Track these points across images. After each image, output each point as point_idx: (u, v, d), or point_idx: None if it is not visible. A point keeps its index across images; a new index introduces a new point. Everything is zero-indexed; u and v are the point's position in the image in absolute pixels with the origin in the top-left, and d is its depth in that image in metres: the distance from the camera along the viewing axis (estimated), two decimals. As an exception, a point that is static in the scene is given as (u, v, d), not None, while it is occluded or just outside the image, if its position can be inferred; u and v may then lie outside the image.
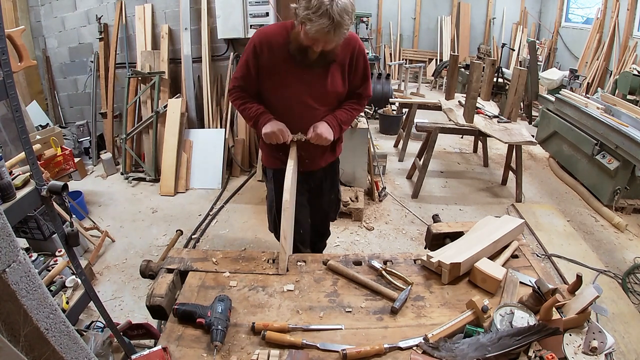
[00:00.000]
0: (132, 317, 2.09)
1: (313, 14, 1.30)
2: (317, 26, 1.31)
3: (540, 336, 0.98)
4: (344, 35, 1.39)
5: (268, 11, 3.34)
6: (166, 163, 3.58)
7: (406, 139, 4.24)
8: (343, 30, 1.34)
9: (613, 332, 1.98)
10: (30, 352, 0.73)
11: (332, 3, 1.28)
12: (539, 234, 2.86)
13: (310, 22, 1.32)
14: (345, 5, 1.30)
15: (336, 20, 1.29)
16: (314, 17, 1.30)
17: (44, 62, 4.38)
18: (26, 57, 1.27)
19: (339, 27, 1.32)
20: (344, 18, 1.30)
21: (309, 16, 1.31)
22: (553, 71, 5.51)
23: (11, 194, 1.22)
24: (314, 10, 1.29)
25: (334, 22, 1.30)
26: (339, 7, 1.29)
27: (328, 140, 1.62)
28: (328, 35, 1.34)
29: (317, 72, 1.56)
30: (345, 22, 1.32)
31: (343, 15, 1.30)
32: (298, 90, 1.59)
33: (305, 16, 1.32)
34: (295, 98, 1.62)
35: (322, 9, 1.28)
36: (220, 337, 1.02)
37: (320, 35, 1.35)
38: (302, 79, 1.57)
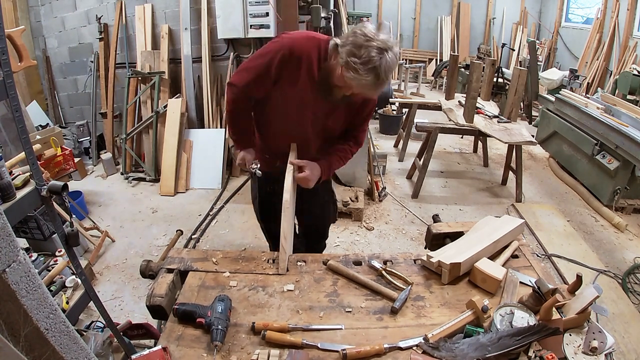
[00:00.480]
0: (132, 317, 2.09)
1: (360, 65, 1.19)
2: (361, 80, 1.22)
3: (540, 336, 0.98)
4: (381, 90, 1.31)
5: (268, 11, 3.34)
6: (166, 163, 3.58)
7: (406, 139, 4.24)
8: (384, 86, 1.27)
9: (613, 332, 1.98)
10: (30, 352, 0.73)
11: (382, 60, 1.19)
12: (539, 234, 2.86)
13: (355, 72, 1.21)
14: (393, 64, 1.22)
15: (381, 79, 1.22)
16: (360, 69, 1.20)
17: (44, 62, 4.38)
18: (26, 57, 1.27)
19: (381, 85, 1.25)
20: (388, 77, 1.24)
21: (356, 66, 1.20)
22: (553, 71, 5.51)
23: (11, 194, 1.22)
24: (362, 62, 1.19)
25: (379, 80, 1.22)
26: (387, 66, 1.20)
27: (309, 185, 1.56)
28: (369, 90, 1.28)
29: (327, 105, 1.49)
30: (388, 79, 1.25)
31: (388, 74, 1.23)
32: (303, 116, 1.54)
33: (351, 63, 1.21)
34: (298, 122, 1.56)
35: (371, 64, 1.19)
36: (221, 337, 1.02)
37: (362, 90, 1.28)
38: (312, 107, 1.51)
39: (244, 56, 3.80)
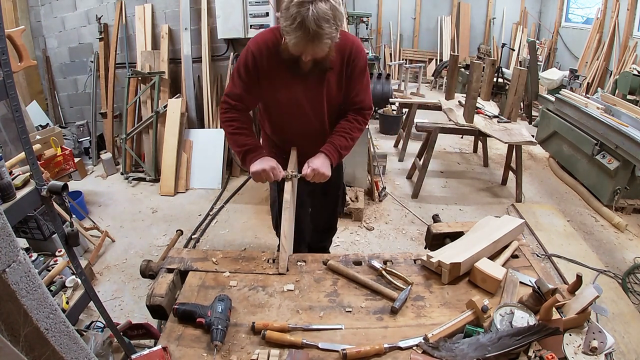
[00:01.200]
0: (132, 317, 2.09)
1: (289, 26, 1.20)
2: (294, 39, 1.22)
3: (540, 336, 0.98)
4: (330, 44, 1.27)
5: (268, 11, 3.34)
6: (166, 163, 3.59)
7: (406, 139, 4.24)
8: (324, 40, 1.22)
9: (613, 332, 1.98)
10: (30, 352, 0.73)
11: (308, 12, 1.16)
12: (539, 234, 2.86)
13: (288, 34, 1.23)
14: (325, 13, 1.18)
15: (313, 31, 1.18)
16: (290, 29, 1.21)
17: (44, 62, 4.38)
18: (26, 57, 1.27)
19: (318, 37, 1.21)
20: (322, 27, 1.18)
21: (287, 29, 1.22)
22: (553, 71, 5.51)
23: (11, 194, 1.22)
24: (290, 21, 1.19)
25: (310, 33, 1.19)
26: (316, 16, 1.17)
27: (326, 176, 1.51)
28: (308, 47, 1.24)
29: (313, 80, 1.47)
30: (324, 31, 1.20)
31: (321, 24, 1.18)
32: (295, 100, 1.53)
33: (284, 28, 1.24)
34: (295, 109, 1.55)
35: (298, 19, 1.18)
36: (221, 337, 1.02)
37: (300, 48, 1.26)
38: (299, 89, 1.50)
39: (244, 56, 3.79)
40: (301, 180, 1.60)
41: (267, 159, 1.50)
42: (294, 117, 1.60)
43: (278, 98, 1.55)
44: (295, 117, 1.60)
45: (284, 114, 1.61)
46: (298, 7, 1.18)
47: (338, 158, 1.56)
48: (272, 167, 1.47)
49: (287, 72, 1.45)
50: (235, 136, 1.53)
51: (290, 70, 1.43)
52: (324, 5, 1.18)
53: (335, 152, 1.54)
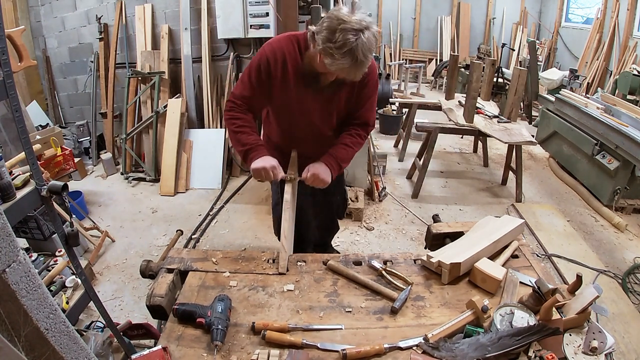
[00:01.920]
0: (132, 317, 2.09)
1: (336, 50, 1.19)
2: (338, 64, 1.22)
3: (540, 336, 0.98)
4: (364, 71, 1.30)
5: (268, 11, 3.34)
6: (166, 163, 3.59)
7: (406, 139, 4.24)
8: (364, 68, 1.26)
9: (613, 332, 1.98)
10: (30, 352, 0.73)
11: (358, 41, 1.18)
12: (539, 234, 2.86)
13: (332, 57, 1.21)
14: (370, 44, 1.21)
15: (359, 60, 1.21)
16: (336, 53, 1.20)
17: (44, 62, 4.38)
18: (26, 57, 1.27)
19: (361, 66, 1.24)
20: (367, 57, 1.22)
21: (331, 51, 1.20)
22: (553, 71, 5.51)
23: (11, 194, 1.22)
24: (338, 46, 1.18)
25: (357, 62, 1.21)
26: (364, 46, 1.19)
27: (325, 182, 1.52)
28: (350, 72, 1.27)
29: (326, 94, 1.50)
30: (367, 61, 1.23)
31: (367, 55, 1.21)
32: (305, 109, 1.54)
33: (327, 49, 1.21)
34: (303, 117, 1.57)
35: (347, 47, 1.18)
36: (221, 337, 1.02)
37: (340, 72, 1.28)
38: (310, 99, 1.51)
39: (244, 56, 3.80)
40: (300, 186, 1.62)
41: (269, 157, 1.50)
42: (302, 126, 1.62)
43: (288, 105, 1.55)
44: (302, 126, 1.61)
45: (291, 120, 1.62)
46: (348, 34, 1.18)
47: (337, 170, 1.58)
48: (272, 165, 1.47)
49: (301, 84, 1.46)
50: (238, 135, 1.53)
51: (306, 80, 1.44)
52: (370, 36, 1.21)
53: (335, 164, 1.56)
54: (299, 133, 1.66)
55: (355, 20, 1.19)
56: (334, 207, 2.11)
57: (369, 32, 1.21)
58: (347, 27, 1.18)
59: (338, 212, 2.17)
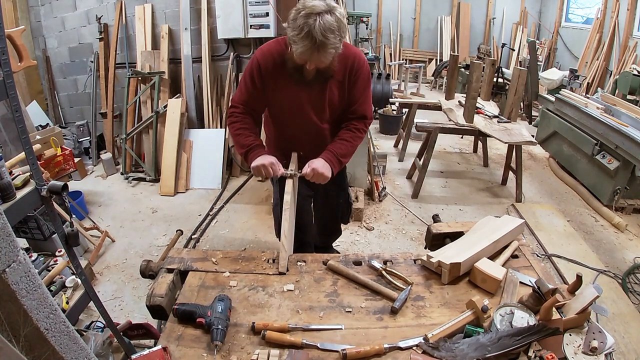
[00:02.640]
0: (132, 317, 2.09)
1: (297, 36, 1.28)
2: (301, 48, 1.28)
3: (540, 336, 0.98)
4: (334, 54, 1.34)
5: (268, 11, 3.34)
6: (166, 163, 3.59)
7: (406, 139, 4.24)
8: (329, 49, 1.30)
9: (613, 332, 1.98)
10: (30, 352, 0.73)
11: (315, 23, 1.24)
12: (539, 234, 2.86)
13: (295, 44, 1.30)
14: (330, 24, 1.26)
15: (319, 41, 1.26)
16: (297, 39, 1.28)
17: (44, 62, 4.38)
18: (26, 57, 1.27)
19: (323, 47, 1.28)
20: (328, 38, 1.26)
21: (294, 38, 1.29)
22: (553, 71, 5.51)
23: (11, 194, 1.22)
24: (298, 32, 1.27)
25: (316, 43, 1.26)
26: (322, 27, 1.25)
27: (326, 177, 1.55)
28: (313, 55, 1.31)
29: (316, 88, 1.54)
30: (329, 41, 1.27)
31: (327, 35, 1.26)
32: (299, 106, 1.59)
33: (291, 37, 1.31)
34: (298, 115, 1.61)
35: (305, 30, 1.25)
36: (221, 337, 1.02)
37: (305, 56, 1.32)
38: (302, 96, 1.56)
39: (244, 56, 3.80)
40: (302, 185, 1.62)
41: (267, 155, 1.55)
42: (298, 122, 1.65)
43: (283, 104, 1.61)
44: (298, 122, 1.65)
45: (288, 119, 1.67)
46: (305, 18, 1.26)
47: (338, 165, 1.61)
48: (271, 162, 1.52)
49: (292, 80, 1.51)
50: (238, 137, 1.60)
51: (294, 78, 1.50)
52: (330, 18, 1.26)
53: (335, 159, 1.59)
54: (297, 131, 1.69)
55: (311, 5, 1.27)
56: (337, 212, 2.11)
57: (331, 15, 1.27)
58: (307, 11, 1.26)
59: (342, 217, 2.18)
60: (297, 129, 1.68)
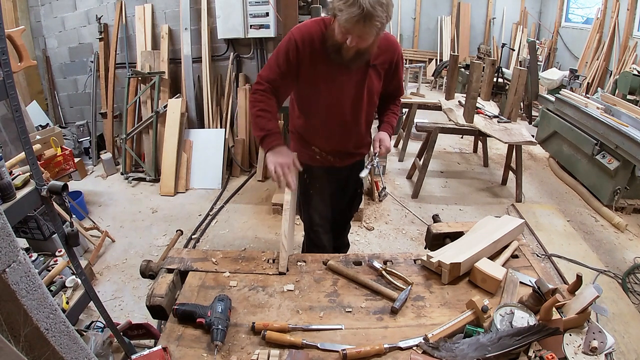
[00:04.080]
0: (132, 317, 2.09)
1: (344, 4, 1.25)
2: (347, 14, 1.25)
3: (540, 336, 0.98)
4: (378, 30, 1.30)
5: (268, 11, 3.34)
6: (166, 163, 3.58)
7: (406, 139, 4.24)
8: (375, 22, 1.26)
9: (613, 332, 1.98)
10: (30, 352, 0.73)
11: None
12: (539, 234, 2.86)
13: (341, 11, 1.26)
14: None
15: (366, 10, 1.22)
16: (344, 6, 1.25)
17: (44, 62, 4.38)
18: (26, 57, 1.27)
19: (369, 18, 1.24)
20: (375, 8, 1.23)
21: (341, 6, 1.26)
22: (553, 71, 5.50)
23: (11, 194, 1.22)
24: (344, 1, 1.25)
25: (364, 12, 1.22)
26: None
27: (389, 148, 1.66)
28: (358, 25, 1.26)
29: (356, 73, 1.50)
30: (377, 13, 1.24)
31: (375, 6, 1.23)
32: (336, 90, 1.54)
33: (337, 6, 1.28)
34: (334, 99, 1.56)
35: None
36: (221, 337, 1.02)
37: (350, 25, 1.27)
38: (341, 79, 1.52)
39: (244, 56, 3.80)
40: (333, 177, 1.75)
41: (282, 150, 1.47)
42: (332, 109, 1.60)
43: (318, 87, 1.55)
44: (332, 109, 1.60)
45: (321, 103, 1.60)
46: None
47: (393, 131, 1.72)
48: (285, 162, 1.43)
49: (330, 64, 1.47)
50: (258, 119, 1.52)
51: (333, 61, 1.45)
52: None
53: (391, 131, 1.71)
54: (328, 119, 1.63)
55: None
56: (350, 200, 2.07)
57: None
58: None
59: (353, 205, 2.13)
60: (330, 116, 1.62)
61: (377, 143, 1.63)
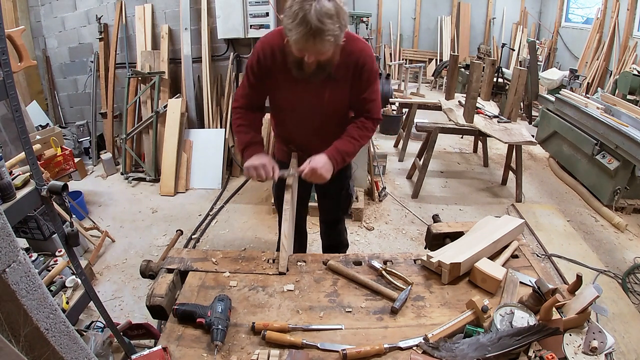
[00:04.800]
0: (132, 317, 2.09)
1: (291, 23, 1.19)
2: (295, 35, 1.19)
3: (540, 336, 0.98)
4: (333, 42, 1.24)
5: (268, 11, 3.34)
6: (166, 163, 3.59)
7: (406, 139, 4.24)
8: (326, 37, 1.19)
9: (613, 332, 1.98)
10: (30, 352, 0.73)
11: (311, 8, 1.15)
12: (539, 234, 2.86)
13: (290, 31, 1.21)
14: (327, 9, 1.17)
15: (314, 26, 1.16)
16: (292, 26, 1.19)
17: (44, 62, 4.38)
18: (26, 57, 1.27)
19: (319, 34, 1.18)
20: (324, 23, 1.16)
21: (289, 25, 1.21)
22: (553, 71, 5.50)
23: (11, 194, 1.22)
24: (292, 18, 1.18)
25: (312, 29, 1.16)
26: (319, 12, 1.15)
27: (324, 178, 1.48)
28: (309, 42, 1.21)
29: (316, 84, 1.44)
30: (326, 27, 1.17)
31: (323, 20, 1.16)
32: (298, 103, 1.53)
33: (286, 26, 1.22)
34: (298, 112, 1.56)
35: (300, 15, 1.16)
36: (221, 337, 1.02)
37: (301, 45, 1.23)
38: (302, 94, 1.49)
39: (244, 56, 3.80)
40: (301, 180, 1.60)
41: (261, 155, 1.51)
42: (298, 119, 1.60)
43: (282, 101, 1.57)
44: (298, 119, 1.60)
45: (288, 115, 1.63)
46: (301, 3, 1.17)
47: (341, 163, 1.53)
48: (262, 163, 1.46)
49: (290, 74, 1.42)
50: (238, 134, 1.58)
51: (294, 73, 1.41)
52: (327, 3, 1.18)
53: (339, 157, 1.51)
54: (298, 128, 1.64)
55: None
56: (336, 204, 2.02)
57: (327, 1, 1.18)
58: None
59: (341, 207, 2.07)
60: (298, 125, 1.63)
61: (306, 164, 1.49)
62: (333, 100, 1.52)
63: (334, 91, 1.49)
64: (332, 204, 2.02)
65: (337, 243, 2.16)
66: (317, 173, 1.46)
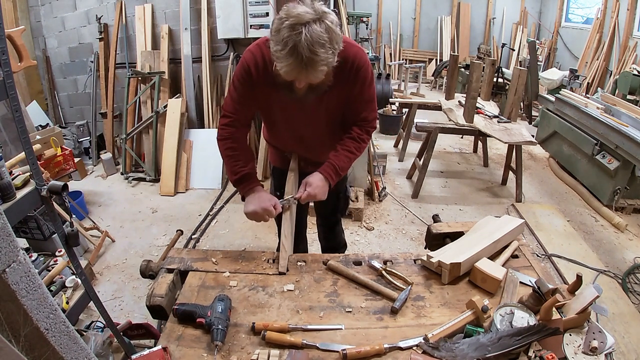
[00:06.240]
0: (132, 317, 2.09)
1: (280, 52, 1.08)
2: (286, 66, 1.09)
3: (540, 336, 0.98)
4: (326, 70, 1.15)
5: (268, 11, 3.34)
6: (166, 163, 3.59)
7: (406, 139, 4.24)
8: (319, 66, 1.10)
9: (613, 332, 1.98)
10: (30, 352, 0.73)
11: (300, 36, 1.04)
12: (539, 234, 2.86)
13: (279, 60, 1.10)
14: (319, 37, 1.05)
15: (306, 58, 1.06)
16: (281, 55, 1.08)
17: (44, 62, 4.38)
18: (26, 57, 1.27)
19: (311, 64, 1.08)
20: (317, 53, 1.06)
21: (277, 54, 1.09)
22: (553, 71, 5.50)
23: (11, 194, 1.22)
24: (281, 46, 1.07)
25: (303, 60, 1.06)
26: (310, 40, 1.04)
27: (320, 199, 1.44)
28: (300, 73, 1.12)
29: (310, 101, 1.34)
30: (319, 57, 1.07)
31: (316, 49, 1.05)
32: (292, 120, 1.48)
33: (274, 53, 1.11)
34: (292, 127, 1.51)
35: (289, 45, 1.05)
36: (221, 337, 1.02)
37: (292, 76, 1.15)
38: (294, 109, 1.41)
39: (244, 56, 3.80)
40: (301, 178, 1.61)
41: (261, 195, 1.41)
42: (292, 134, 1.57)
43: (272, 114, 1.50)
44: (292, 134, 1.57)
45: (280, 126, 1.57)
46: (290, 30, 1.05)
47: (337, 179, 1.49)
48: (263, 208, 1.37)
49: (281, 92, 1.33)
50: (227, 160, 1.45)
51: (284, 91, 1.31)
52: (319, 28, 1.06)
53: (334, 174, 1.47)
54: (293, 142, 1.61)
55: (302, 12, 1.06)
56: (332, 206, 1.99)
57: (319, 24, 1.07)
58: (292, 21, 1.06)
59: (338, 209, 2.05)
60: (293, 137, 1.58)
61: (303, 188, 1.44)
62: (329, 112, 1.47)
63: (329, 103, 1.42)
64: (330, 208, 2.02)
65: (336, 244, 2.16)
66: (315, 198, 1.44)
